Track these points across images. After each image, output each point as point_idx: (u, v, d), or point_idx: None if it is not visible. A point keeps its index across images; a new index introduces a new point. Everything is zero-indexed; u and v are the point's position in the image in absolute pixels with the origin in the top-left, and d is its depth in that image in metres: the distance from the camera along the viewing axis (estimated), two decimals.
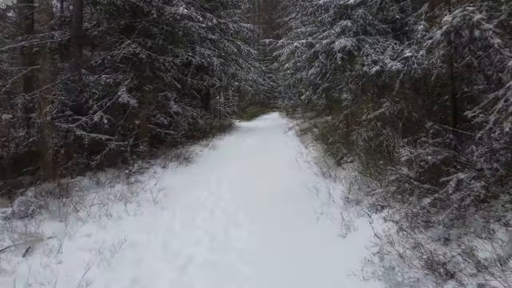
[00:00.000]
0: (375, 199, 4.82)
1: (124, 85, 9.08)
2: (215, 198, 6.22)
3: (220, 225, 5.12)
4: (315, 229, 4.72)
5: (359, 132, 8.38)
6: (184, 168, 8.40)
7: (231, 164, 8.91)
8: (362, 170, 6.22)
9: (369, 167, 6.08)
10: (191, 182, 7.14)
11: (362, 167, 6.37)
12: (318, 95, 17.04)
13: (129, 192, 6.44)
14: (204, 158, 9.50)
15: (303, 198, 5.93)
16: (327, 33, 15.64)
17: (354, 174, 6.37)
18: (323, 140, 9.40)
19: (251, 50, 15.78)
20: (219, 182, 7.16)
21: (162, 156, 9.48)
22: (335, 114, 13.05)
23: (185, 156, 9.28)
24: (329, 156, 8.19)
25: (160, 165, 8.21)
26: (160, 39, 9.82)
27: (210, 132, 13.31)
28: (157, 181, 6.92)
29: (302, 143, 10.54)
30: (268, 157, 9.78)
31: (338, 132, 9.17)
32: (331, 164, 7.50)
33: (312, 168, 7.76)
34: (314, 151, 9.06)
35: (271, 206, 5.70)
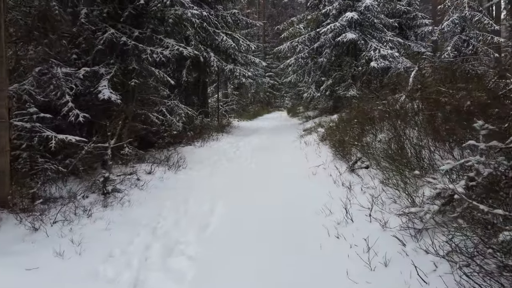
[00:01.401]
0: (409, 221, 3.68)
1: (106, 79, 7.94)
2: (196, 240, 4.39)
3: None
4: (328, 264, 3.56)
5: (374, 133, 7.24)
6: (172, 175, 7.23)
7: (225, 170, 7.76)
8: (383, 180, 5.07)
9: (393, 176, 4.94)
10: (173, 206, 5.80)
11: (383, 176, 5.22)
12: (321, 93, 15.91)
13: (102, 206, 5.31)
14: (196, 163, 8.33)
15: (311, 213, 4.78)
16: (332, 26, 14.49)
17: (373, 183, 5.23)
18: (331, 141, 8.24)
19: (250, 45, 14.63)
20: (209, 203, 5.76)
21: (151, 159, 8.34)
22: (343, 112, 11.91)
23: (175, 160, 8.13)
24: (339, 160, 7.05)
25: (145, 171, 7.05)
26: (148, 28, 8.67)
27: (205, 133, 12.16)
28: (129, 205, 5.65)
29: (307, 145, 9.38)
30: (269, 160, 8.65)
31: (347, 131, 8.02)
32: (342, 170, 6.35)
33: (321, 173, 6.62)
34: (321, 154, 7.89)
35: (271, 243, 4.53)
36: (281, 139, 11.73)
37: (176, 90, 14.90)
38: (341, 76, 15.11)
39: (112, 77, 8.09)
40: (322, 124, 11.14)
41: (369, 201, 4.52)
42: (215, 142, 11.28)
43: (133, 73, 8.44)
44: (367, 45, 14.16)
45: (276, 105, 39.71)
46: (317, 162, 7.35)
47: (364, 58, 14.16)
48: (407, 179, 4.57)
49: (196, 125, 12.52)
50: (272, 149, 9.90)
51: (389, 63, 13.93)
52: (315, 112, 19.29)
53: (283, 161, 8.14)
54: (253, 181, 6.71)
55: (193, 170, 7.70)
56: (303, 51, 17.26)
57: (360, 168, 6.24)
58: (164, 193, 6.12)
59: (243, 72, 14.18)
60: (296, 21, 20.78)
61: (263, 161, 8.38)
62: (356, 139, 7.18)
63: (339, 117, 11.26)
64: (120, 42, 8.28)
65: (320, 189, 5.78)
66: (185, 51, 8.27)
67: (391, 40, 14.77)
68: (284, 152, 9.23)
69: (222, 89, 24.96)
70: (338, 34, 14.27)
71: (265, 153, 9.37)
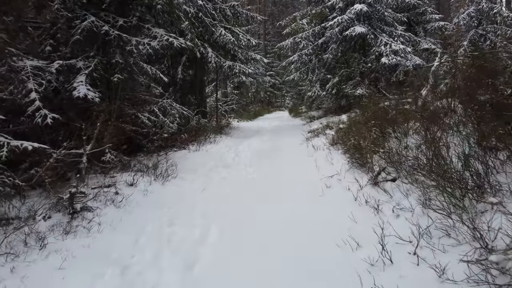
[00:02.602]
0: (483, 271, 2.51)
1: (84, 74, 6.77)
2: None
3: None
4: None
5: (398, 137, 6.06)
6: (159, 187, 6.04)
7: (222, 181, 6.58)
8: (423, 200, 3.90)
9: (437, 195, 3.77)
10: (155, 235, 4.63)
11: (420, 193, 4.05)
12: (327, 91, 14.73)
13: (63, 231, 4.14)
14: (189, 171, 7.14)
15: (331, 245, 3.61)
16: (340, 19, 13.31)
17: (408, 203, 4.06)
18: (344, 145, 7.07)
19: (251, 40, 13.45)
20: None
21: (137, 166, 7.17)
22: (352, 112, 10.74)
23: (164, 167, 6.95)
24: (357, 169, 5.87)
25: (126, 182, 5.87)
26: (134, 17, 7.49)
27: (202, 134, 10.99)
28: (99, 229, 4.44)
29: (315, 149, 8.18)
30: (272, 168, 7.47)
31: (363, 134, 6.85)
32: (363, 183, 5.18)
33: (336, 186, 5.45)
34: (333, 161, 6.71)
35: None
36: (285, 142, 10.54)
37: (171, 88, 13.74)
38: (348, 74, 13.94)
39: (92, 72, 6.92)
40: (330, 125, 9.97)
41: (411, 232, 3.35)
42: (213, 145, 10.10)
43: (117, 68, 7.27)
44: (377, 39, 12.98)
45: (276, 105, 38.51)
46: (330, 171, 6.17)
47: (374, 53, 12.99)
48: (460, 201, 3.41)
49: (191, 126, 11.34)
50: (275, 154, 8.70)
51: (401, 59, 12.76)
52: (319, 112, 18.11)
53: (289, 169, 6.95)
54: (254, 196, 5.52)
55: (184, 180, 6.51)
56: (306, 47, 16.07)
57: (385, 180, 5.06)
58: (146, 212, 4.94)
59: (243, 69, 12.99)
60: (299, 17, 19.56)
61: (266, 170, 7.18)
62: (376, 144, 6.01)
63: (349, 118, 10.09)
64: (101, 31, 7.10)
65: (339, 209, 4.60)
66: (175, 42, 7.09)
67: (402, 34, 13.59)
68: (290, 158, 8.04)
69: (222, 88, 23.77)
70: (346, 28, 13.09)
71: (268, 159, 8.18)
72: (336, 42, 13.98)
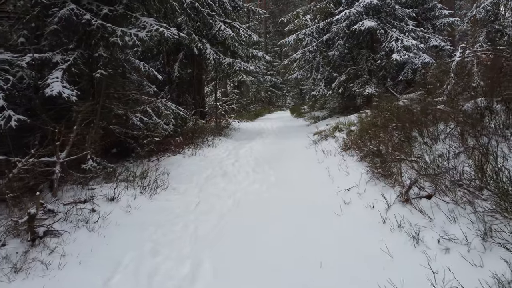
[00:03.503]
0: None
1: (60, 69, 5.80)
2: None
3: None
4: None
5: (427, 142, 5.10)
6: (145, 202, 5.07)
7: (220, 193, 5.61)
8: (484, 232, 2.93)
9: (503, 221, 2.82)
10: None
11: (479, 222, 3.09)
12: (333, 90, 13.75)
13: (12, 269, 3.18)
14: (182, 181, 6.18)
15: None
16: (347, 12, 12.33)
17: (461, 233, 3.10)
18: (360, 151, 6.11)
19: (252, 35, 12.46)
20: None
21: (124, 174, 6.21)
22: (362, 113, 9.77)
23: (154, 176, 5.99)
24: (379, 181, 4.91)
25: (106, 197, 4.90)
26: (120, 4, 6.52)
27: (199, 137, 10.02)
28: (60, 264, 3.46)
29: (326, 155, 7.20)
30: (278, 177, 6.51)
31: (382, 139, 5.90)
32: (391, 199, 4.21)
33: (356, 202, 4.49)
34: (349, 170, 5.75)
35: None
36: (290, 145, 9.57)
37: (167, 87, 12.79)
38: (356, 72, 12.96)
39: (70, 67, 5.96)
40: (339, 127, 8.99)
41: (477, 281, 2.39)
42: (211, 149, 9.13)
43: (100, 62, 6.30)
44: (387, 35, 12.00)
45: (277, 105, 37.55)
46: (347, 182, 5.20)
47: (384, 50, 12.01)
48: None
49: (188, 128, 10.38)
50: (280, 160, 7.72)
51: (414, 56, 11.79)
52: (323, 112, 17.14)
53: (297, 179, 5.98)
54: (257, 215, 4.56)
55: (176, 192, 5.54)
56: (310, 44, 15.10)
57: (419, 197, 4.10)
58: (126, 236, 3.98)
59: (244, 66, 12.01)
60: (302, 13, 18.62)
61: (271, 179, 6.21)
62: (401, 151, 5.04)
63: (360, 119, 9.12)
64: (82, 21, 6.13)
65: (364, 234, 3.65)
66: (166, 32, 6.11)
67: (413, 30, 12.61)
68: (297, 165, 7.06)
69: (221, 87, 22.82)
70: (354, 23, 12.10)
71: (272, 166, 7.21)
72: (342, 38, 13.00)
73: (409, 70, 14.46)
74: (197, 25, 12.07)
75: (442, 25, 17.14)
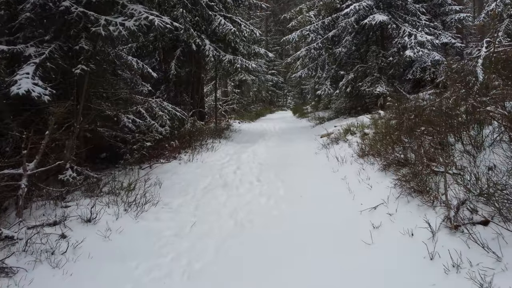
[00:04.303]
0: None
1: (33, 63, 4.91)
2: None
3: None
4: None
5: (469, 151, 4.22)
6: (129, 222, 4.16)
7: (219, 209, 4.71)
8: None
9: None
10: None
11: None
12: (341, 89, 12.84)
13: None
14: (176, 194, 5.28)
15: None
16: (357, 6, 11.42)
17: None
18: (384, 159, 5.21)
19: (254, 30, 11.56)
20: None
21: (109, 185, 5.31)
22: (375, 114, 8.88)
23: (143, 188, 5.10)
24: (412, 197, 4.01)
25: (81, 218, 3.99)
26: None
27: (198, 139, 9.13)
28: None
29: (340, 162, 6.29)
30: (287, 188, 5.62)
31: (408, 145, 5.01)
32: (434, 223, 3.31)
33: (388, 227, 3.60)
34: (371, 182, 4.85)
35: None
36: (296, 149, 8.67)
37: (163, 86, 11.89)
38: (364, 69, 12.05)
39: (45, 61, 5.06)
40: (352, 129, 8.09)
41: None
42: (210, 153, 8.24)
43: (81, 56, 5.40)
44: (399, 30, 11.09)
45: (278, 105, 36.66)
46: (371, 198, 4.31)
47: (396, 46, 11.10)
48: None
49: (185, 130, 9.49)
50: (288, 167, 6.81)
51: (428, 52, 10.91)
52: (327, 112, 16.23)
53: (310, 192, 5.06)
54: (266, 245, 3.66)
55: (168, 209, 4.64)
56: (315, 41, 14.20)
57: (471, 223, 3.21)
58: (98, 276, 3.08)
59: (246, 64, 11.11)
60: (306, 9, 17.70)
61: (279, 192, 5.31)
62: (439, 161, 4.15)
63: (374, 120, 8.23)
64: (59, 8, 5.24)
65: (410, 279, 2.75)
66: (157, 21, 5.19)
67: (427, 25, 11.71)
68: (308, 173, 6.14)
69: (222, 87, 21.92)
70: (363, 17, 11.20)
71: (279, 174, 6.29)
72: (351, 34, 12.10)
73: (418, 69, 13.58)
74: (196, 20, 11.17)
75: (452, 21, 16.23)
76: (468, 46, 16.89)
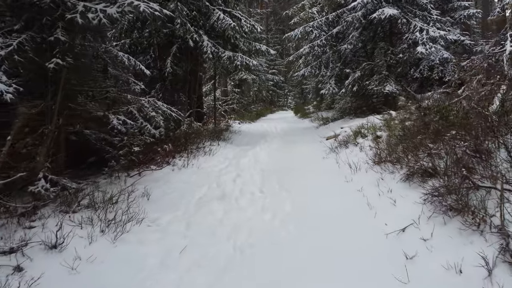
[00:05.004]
0: None
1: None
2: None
3: None
4: None
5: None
6: (105, 248, 3.39)
7: (215, 227, 3.95)
8: None
9: None
10: None
11: None
12: (346, 88, 12.07)
13: None
14: (165, 208, 4.53)
15: None
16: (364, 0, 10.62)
17: None
18: (407, 168, 4.46)
19: (255, 25, 10.80)
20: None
21: (89, 197, 4.56)
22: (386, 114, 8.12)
23: (127, 202, 4.35)
24: (449, 216, 3.26)
25: (46, 243, 3.24)
26: None
27: (194, 142, 8.38)
28: None
29: (353, 170, 5.52)
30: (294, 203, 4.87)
31: (432, 151, 4.27)
32: (491, 258, 2.56)
33: (425, 259, 2.85)
34: (393, 195, 4.09)
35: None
36: (302, 153, 7.90)
37: (158, 84, 11.11)
38: (372, 67, 11.30)
39: (12, 54, 4.31)
40: (362, 132, 7.34)
41: None
42: (207, 157, 7.49)
43: (56, 49, 4.64)
44: (410, 25, 10.34)
45: (279, 105, 35.87)
46: (396, 216, 3.56)
47: (407, 42, 10.35)
48: None
49: (181, 132, 8.74)
50: (293, 174, 6.03)
51: (441, 49, 10.17)
52: (331, 112, 15.46)
53: (323, 207, 4.29)
54: (270, 277, 2.91)
55: (154, 228, 3.88)
56: (319, 37, 13.44)
57: None
58: None
59: (246, 61, 10.36)
60: (308, 5, 16.97)
61: (285, 206, 4.53)
62: (478, 172, 3.40)
63: (385, 122, 7.48)
64: None
65: None
66: (143, 6, 4.42)
67: (438, 19, 10.94)
68: (317, 182, 5.36)
69: (221, 86, 21.15)
70: (371, 11, 10.46)
71: (284, 184, 5.51)
72: (357, 29, 11.34)
73: (425, 67, 12.84)
74: (193, 14, 10.42)
75: (460, 17, 15.46)
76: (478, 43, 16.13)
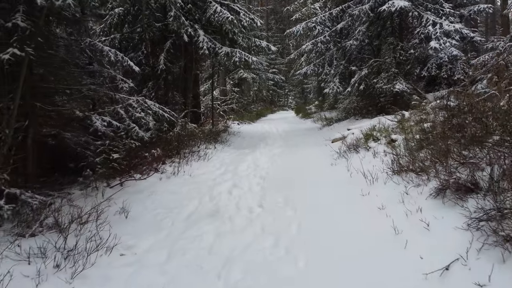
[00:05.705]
0: None
1: None
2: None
3: None
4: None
5: None
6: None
7: (202, 263, 3.14)
8: None
9: None
10: None
11: None
12: (352, 87, 11.26)
13: None
14: (145, 229, 3.72)
15: None
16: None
17: None
18: (437, 180, 3.65)
19: (255, 19, 10.00)
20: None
21: (55, 215, 3.75)
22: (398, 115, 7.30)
23: (99, 222, 3.55)
24: (503, 248, 2.46)
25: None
26: None
27: (188, 145, 7.57)
28: None
29: (368, 180, 4.71)
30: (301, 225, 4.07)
31: (470, 160, 3.45)
32: None
33: None
34: (424, 216, 3.28)
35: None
36: (306, 158, 7.09)
37: (151, 83, 10.28)
38: (380, 65, 10.48)
39: None
40: (374, 134, 6.53)
41: None
42: (201, 162, 6.69)
43: (14, 37, 3.84)
44: (422, 18, 9.53)
45: (279, 104, 35.06)
46: (432, 247, 2.76)
47: (418, 36, 9.55)
48: None
49: (174, 134, 7.94)
50: (299, 185, 5.18)
51: (456, 44, 9.36)
52: (334, 112, 14.64)
53: (336, 231, 3.46)
54: None
55: (127, 259, 3.07)
56: (322, 33, 12.64)
57: None
58: None
59: (245, 57, 9.55)
60: (311, 0, 16.21)
61: (291, 228, 3.70)
62: None
63: (400, 124, 6.67)
64: None
65: None
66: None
67: (451, 13, 10.12)
68: (327, 196, 4.50)
69: (220, 85, 20.35)
70: (380, 3, 9.65)
71: (289, 197, 4.66)
72: (364, 23, 10.53)
73: (433, 65, 12.04)
74: (188, 7, 9.62)
75: (471, 13, 14.62)
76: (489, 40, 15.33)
